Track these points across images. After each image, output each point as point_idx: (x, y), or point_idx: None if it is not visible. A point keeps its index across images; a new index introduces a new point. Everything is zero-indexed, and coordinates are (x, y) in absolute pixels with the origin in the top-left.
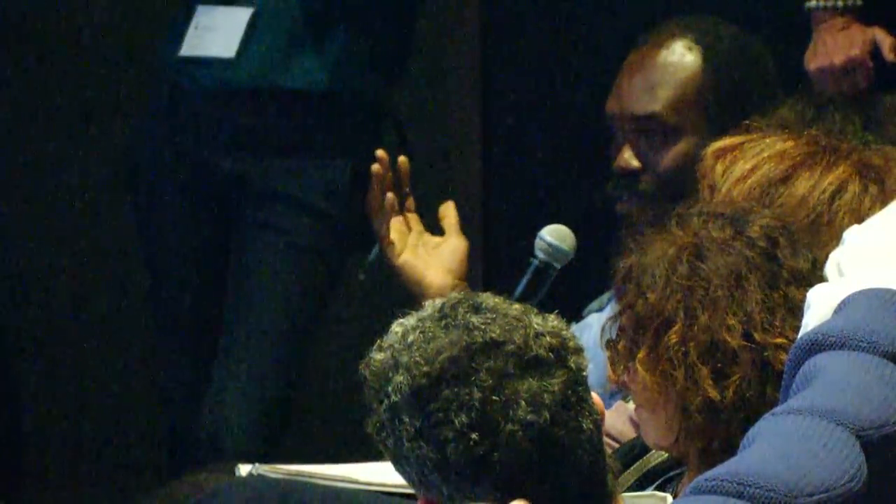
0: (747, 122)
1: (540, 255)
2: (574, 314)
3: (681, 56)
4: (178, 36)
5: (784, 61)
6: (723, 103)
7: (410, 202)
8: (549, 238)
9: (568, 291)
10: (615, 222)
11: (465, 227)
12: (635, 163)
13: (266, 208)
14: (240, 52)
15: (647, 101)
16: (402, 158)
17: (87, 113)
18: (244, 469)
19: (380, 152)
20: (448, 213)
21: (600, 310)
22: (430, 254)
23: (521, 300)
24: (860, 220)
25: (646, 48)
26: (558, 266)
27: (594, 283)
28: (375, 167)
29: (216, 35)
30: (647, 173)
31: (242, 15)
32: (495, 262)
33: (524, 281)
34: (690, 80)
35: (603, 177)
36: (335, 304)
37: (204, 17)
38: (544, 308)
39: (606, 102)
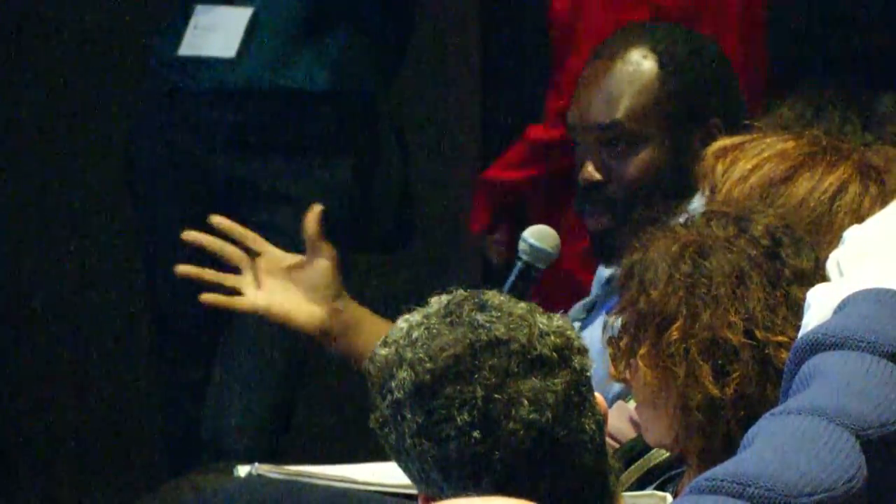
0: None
1: (523, 256)
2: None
3: (637, 65)
4: (178, 36)
5: (783, 62)
6: (683, 108)
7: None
8: (530, 239)
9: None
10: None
11: (465, 227)
12: (598, 175)
13: (265, 208)
14: (239, 52)
15: (609, 111)
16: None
17: (87, 113)
18: (244, 469)
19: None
20: (310, 225)
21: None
22: (292, 283)
23: None
24: (860, 221)
25: (601, 60)
26: (542, 267)
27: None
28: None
29: (216, 35)
30: (612, 184)
31: (242, 15)
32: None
33: (509, 282)
34: (648, 87)
35: None
36: None
37: (203, 16)
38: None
39: (567, 116)
